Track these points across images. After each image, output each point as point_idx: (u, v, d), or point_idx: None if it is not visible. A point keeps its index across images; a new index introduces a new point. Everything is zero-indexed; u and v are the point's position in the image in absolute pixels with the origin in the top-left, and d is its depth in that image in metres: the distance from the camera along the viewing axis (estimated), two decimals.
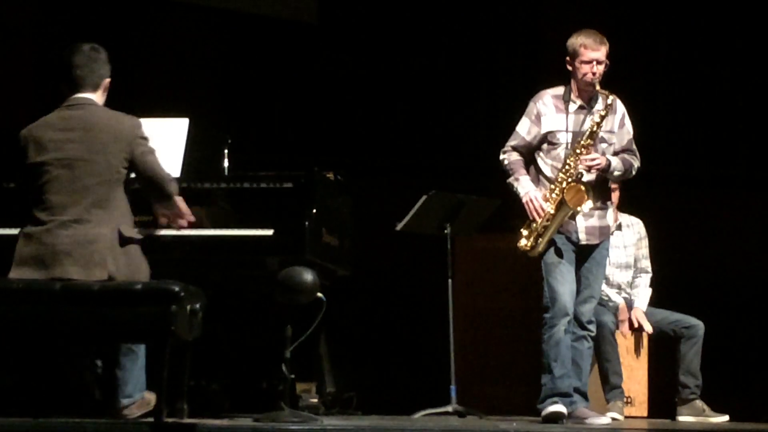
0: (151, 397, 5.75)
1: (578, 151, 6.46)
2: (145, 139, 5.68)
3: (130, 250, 5.61)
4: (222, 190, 6.59)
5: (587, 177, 6.50)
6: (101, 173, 5.55)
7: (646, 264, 7.95)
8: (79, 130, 5.59)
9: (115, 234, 5.55)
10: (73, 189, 5.53)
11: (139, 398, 5.80)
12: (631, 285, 7.91)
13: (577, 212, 6.45)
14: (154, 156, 5.70)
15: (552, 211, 6.46)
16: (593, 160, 6.45)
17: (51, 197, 5.53)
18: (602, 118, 6.47)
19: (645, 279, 7.92)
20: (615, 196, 7.69)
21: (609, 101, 6.48)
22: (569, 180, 6.46)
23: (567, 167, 6.46)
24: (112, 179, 5.56)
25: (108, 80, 5.76)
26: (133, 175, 5.68)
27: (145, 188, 5.71)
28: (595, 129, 6.47)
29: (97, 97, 5.72)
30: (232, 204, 6.52)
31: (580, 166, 6.46)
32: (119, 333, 5.45)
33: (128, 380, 5.78)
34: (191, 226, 6.01)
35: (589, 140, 6.47)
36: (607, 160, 6.51)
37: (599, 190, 6.58)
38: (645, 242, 7.97)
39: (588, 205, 6.43)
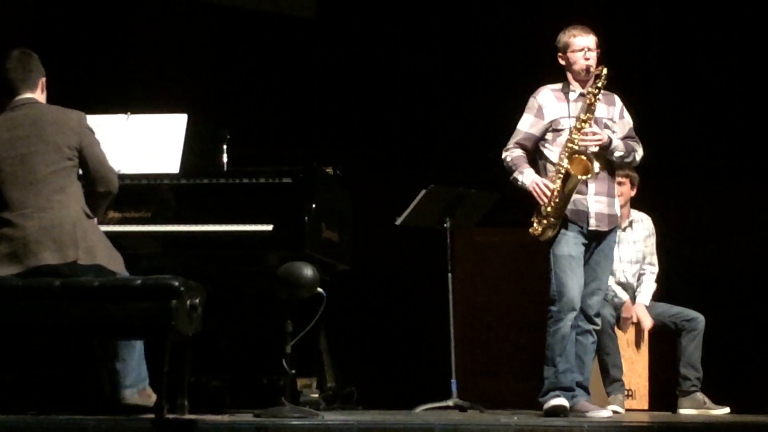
0: (152, 393, 5.76)
1: (578, 126, 6.45)
2: (92, 130, 5.76)
3: (97, 229, 5.71)
4: (221, 185, 6.58)
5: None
6: (54, 163, 5.62)
7: (653, 259, 7.94)
8: (26, 126, 5.66)
9: (81, 214, 5.64)
10: (30, 182, 5.60)
11: (141, 387, 5.82)
12: (637, 279, 7.90)
13: (587, 179, 6.38)
14: (101, 148, 5.77)
15: (558, 189, 6.43)
16: (594, 134, 6.44)
17: (10, 194, 5.59)
18: (598, 89, 6.48)
19: (650, 275, 7.90)
20: (628, 191, 7.69)
21: (604, 72, 6.47)
22: (571, 155, 6.44)
23: (569, 144, 6.44)
24: (66, 167, 5.64)
25: (44, 79, 5.83)
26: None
27: (89, 179, 5.74)
28: (592, 101, 6.46)
29: (38, 96, 5.81)
30: (231, 199, 6.51)
31: (581, 141, 6.43)
32: (120, 328, 5.45)
33: (128, 371, 5.79)
34: (191, 221, 5.99)
35: (587, 114, 6.46)
36: (608, 137, 6.50)
37: (606, 177, 6.55)
38: (653, 239, 7.96)
39: (596, 168, 6.36)
